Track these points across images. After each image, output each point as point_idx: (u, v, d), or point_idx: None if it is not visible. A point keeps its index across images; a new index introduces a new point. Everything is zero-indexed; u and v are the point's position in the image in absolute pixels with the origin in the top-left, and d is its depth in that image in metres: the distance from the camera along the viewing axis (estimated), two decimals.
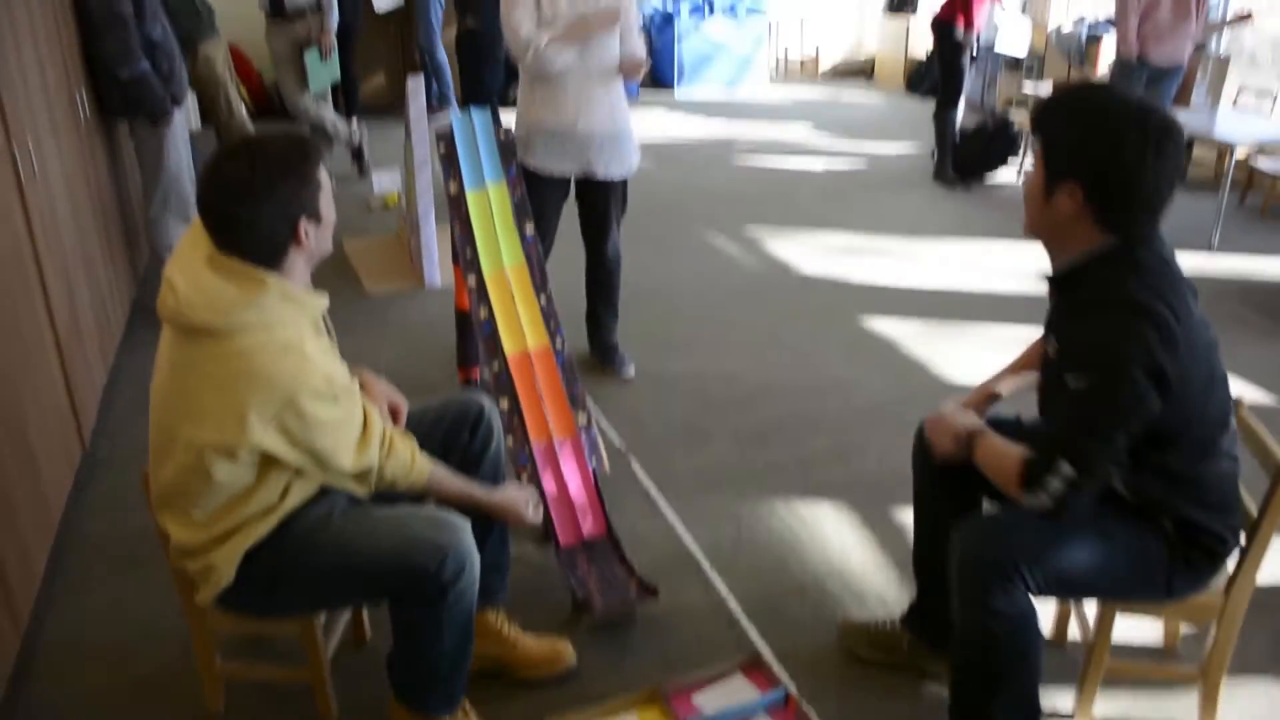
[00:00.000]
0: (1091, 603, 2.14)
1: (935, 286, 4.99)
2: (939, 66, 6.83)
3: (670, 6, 9.66)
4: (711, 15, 9.65)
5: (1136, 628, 2.50)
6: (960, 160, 6.79)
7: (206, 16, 5.35)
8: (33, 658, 2.48)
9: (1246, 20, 6.21)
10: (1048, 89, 6.84)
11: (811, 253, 5.43)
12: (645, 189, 6.61)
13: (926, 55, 9.51)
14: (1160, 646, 2.50)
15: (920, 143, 7.79)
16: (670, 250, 5.47)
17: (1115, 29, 5.93)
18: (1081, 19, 7.69)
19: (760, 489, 3.26)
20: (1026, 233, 1.96)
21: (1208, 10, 5.78)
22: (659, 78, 10.13)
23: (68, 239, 3.39)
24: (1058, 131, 1.83)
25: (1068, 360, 1.82)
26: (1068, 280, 1.91)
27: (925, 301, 4.79)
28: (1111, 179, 1.77)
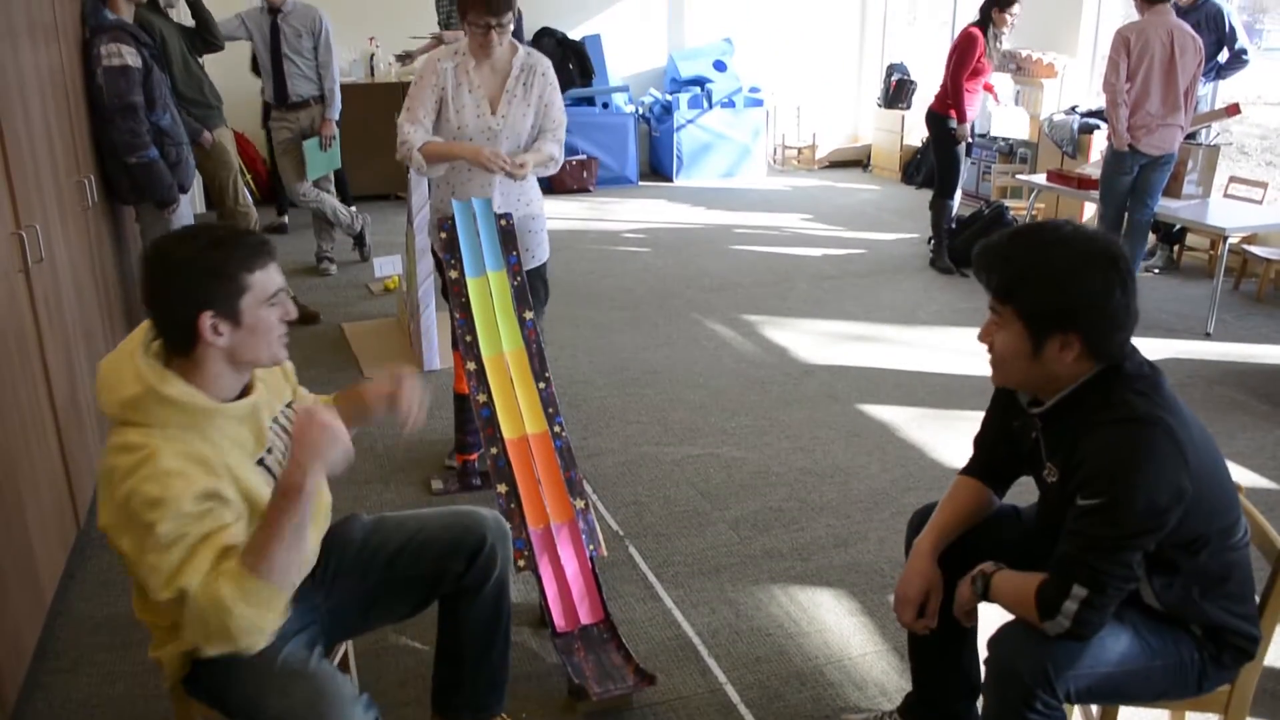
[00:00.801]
0: None
1: (932, 372, 5.01)
2: (935, 157, 6.93)
3: (669, 98, 9.86)
4: (710, 108, 9.85)
5: (1140, 712, 2.46)
6: (956, 248, 6.86)
7: (216, 105, 5.47)
8: None
9: (1234, 112, 6.34)
10: (1041, 179, 6.94)
11: (809, 339, 5.47)
12: (645, 276, 6.69)
13: (921, 144, 9.67)
14: None
15: (916, 231, 7.88)
16: (669, 336, 5.51)
17: (1107, 121, 6.04)
18: (1074, 108, 7.83)
19: (759, 575, 3.24)
20: (1004, 384, 1.98)
21: (1196, 102, 5.90)
22: (658, 168, 10.28)
23: (70, 320, 3.42)
24: (1038, 291, 1.83)
25: (1076, 482, 1.81)
26: (1056, 411, 1.92)
27: (922, 387, 4.81)
28: (1104, 319, 1.80)
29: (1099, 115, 7.36)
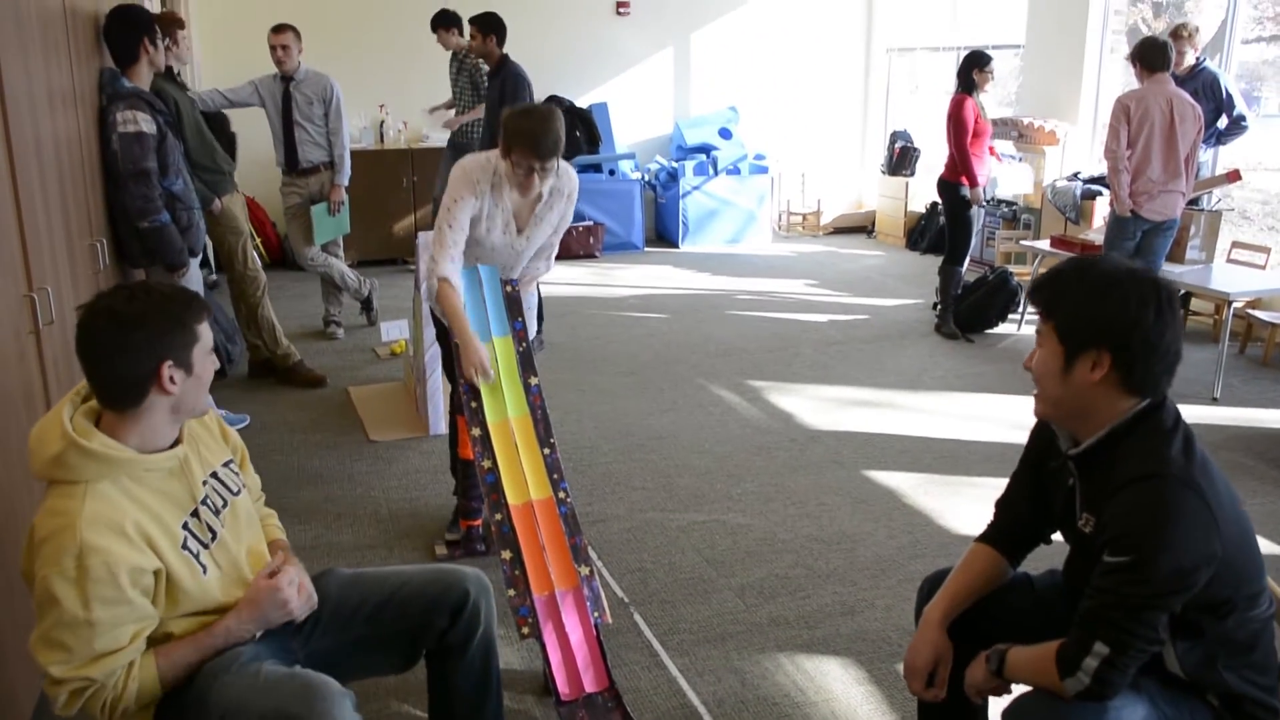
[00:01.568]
0: None
1: (938, 437, 4.99)
2: (948, 223, 6.95)
3: (675, 165, 9.96)
4: (715, 175, 9.95)
5: None
6: (960, 314, 6.89)
7: (228, 171, 5.54)
8: None
9: (1235, 178, 6.39)
10: (1045, 245, 6.98)
11: (814, 405, 5.46)
12: (650, 341, 6.71)
13: (925, 210, 9.75)
14: None
15: (921, 297, 7.91)
16: (674, 402, 5.51)
17: (1109, 187, 6.10)
18: (1076, 174, 7.89)
19: (765, 643, 3.20)
20: (1044, 413, 1.97)
21: (1198, 169, 5.95)
22: (663, 234, 10.37)
23: (78, 381, 3.42)
24: (1074, 304, 1.85)
25: (1106, 539, 1.80)
26: (1093, 455, 1.91)
27: (928, 453, 4.79)
28: (1135, 340, 1.79)
29: (1101, 181, 7.43)
